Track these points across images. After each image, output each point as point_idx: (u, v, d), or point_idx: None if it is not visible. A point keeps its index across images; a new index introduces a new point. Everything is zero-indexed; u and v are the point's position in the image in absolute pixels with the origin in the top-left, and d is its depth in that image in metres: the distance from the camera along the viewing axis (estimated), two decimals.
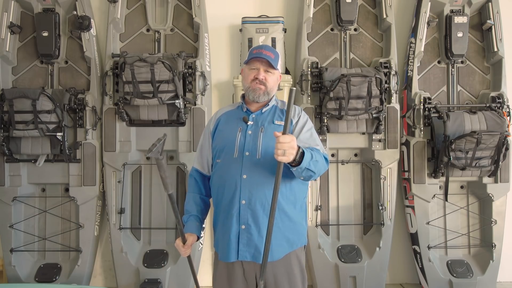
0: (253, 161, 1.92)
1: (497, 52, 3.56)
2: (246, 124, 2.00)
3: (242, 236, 1.91)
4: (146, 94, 3.23)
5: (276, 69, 2.03)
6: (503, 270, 3.65)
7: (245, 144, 1.95)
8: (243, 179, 1.90)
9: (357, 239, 3.64)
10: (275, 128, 1.97)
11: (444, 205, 3.62)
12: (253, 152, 1.93)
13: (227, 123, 2.06)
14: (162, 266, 3.39)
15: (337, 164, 3.63)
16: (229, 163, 1.95)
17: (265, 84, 1.99)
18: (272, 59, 2.00)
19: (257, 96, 2.00)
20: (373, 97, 3.31)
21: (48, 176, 3.47)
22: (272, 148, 1.83)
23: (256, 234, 1.90)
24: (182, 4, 3.65)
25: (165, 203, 3.58)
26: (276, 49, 3.46)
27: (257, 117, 2.03)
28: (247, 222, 1.90)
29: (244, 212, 1.90)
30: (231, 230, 1.92)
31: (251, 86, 2.00)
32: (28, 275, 3.41)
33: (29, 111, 3.21)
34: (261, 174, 1.90)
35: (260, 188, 1.89)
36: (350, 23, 3.59)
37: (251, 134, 1.98)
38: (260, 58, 1.99)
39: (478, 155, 3.28)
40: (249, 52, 2.07)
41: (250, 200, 1.90)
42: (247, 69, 2.05)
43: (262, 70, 1.99)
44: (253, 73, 2.00)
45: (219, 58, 3.77)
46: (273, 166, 1.84)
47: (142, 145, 3.48)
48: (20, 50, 3.55)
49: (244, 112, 2.06)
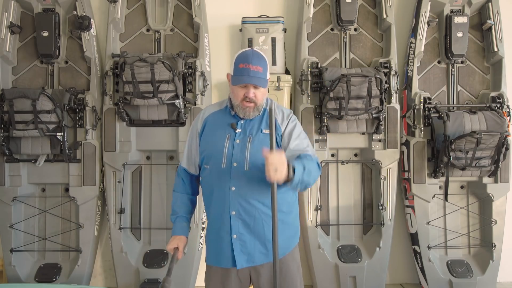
0: (241, 172, 1.91)
1: (497, 52, 3.56)
2: (234, 132, 1.97)
3: (235, 244, 1.92)
4: (146, 94, 3.23)
5: (265, 85, 1.96)
6: (503, 270, 3.64)
7: (233, 154, 1.93)
8: (232, 191, 1.91)
9: (357, 239, 3.64)
10: (263, 138, 1.94)
11: (444, 205, 3.62)
12: (241, 163, 1.91)
13: (215, 128, 2.01)
14: (162, 266, 3.38)
15: (337, 164, 3.63)
16: (217, 173, 1.95)
17: (255, 101, 1.93)
18: (261, 73, 1.90)
19: (248, 114, 1.96)
20: (373, 97, 3.31)
21: (48, 176, 3.47)
22: (260, 159, 1.81)
23: (248, 240, 1.92)
24: (182, 4, 3.65)
25: (165, 203, 3.58)
26: (276, 49, 3.49)
27: (246, 123, 1.99)
28: (239, 231, 1.92)
29: (235, 223, 1.91)
30: (223, 241, 1.94)
31: (241, 105, 1.94)
32: (28, 275, 3.41)
33: (29, 111, 3.21)
34: (249, 185, 1.90)
35: (249, 200, 1.90)
36: (350, 23, 3.59)
37: (239, 143, 1.95)
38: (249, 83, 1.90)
39: (478, 155, 3.28)
40: (235, 66, 1.92)
41: (239, 211, 1.91)
42: (235, 86, 1.94)
43: (251, 88, 1.91)
44: (243, 91, 1.91)
45: (219, 58, 3.77)
46: (261, 176, 1.81)
47: (142, 145, 3.48)
48: (20, 50, 3.55)
49: (232, 116, 2.01)
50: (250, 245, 1.92)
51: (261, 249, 1.93)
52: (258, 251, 1.93)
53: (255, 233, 1.92)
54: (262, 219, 1.92)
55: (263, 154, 1.72)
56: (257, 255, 1.93)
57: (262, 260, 1.94)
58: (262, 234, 1.93)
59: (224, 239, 1.93)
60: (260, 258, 1.94)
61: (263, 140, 1.93)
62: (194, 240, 3.37)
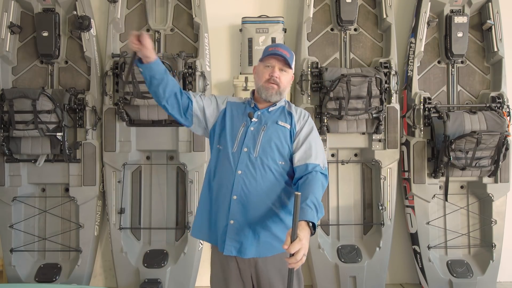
0: (250, 159, 1.92)
1: (497, 52, 3.56)
2: (251, 120, 2.00)
3: (230, 231, 1.90)
4: (146, 94, 3.22)
5: (291, 68, 2.03)
6: (503, 270, 3.64)
7: (245, 139, 1.95)
8: (237, 174, 1.91)
9: (357, 239, 3.64)
10: (278, 128, 1.98)
11: (444, 205, 3.62)
12: (250, 149, 1.93)
13: (234, 114, 2.06)
14: (162, 266, 3.38)
15: (337, 164, 3.63)
16: (226, 156, 1.96)
17: (279, 83, 1.99)
18: (288, 57, 1.99)
19: (270, 95, 2.00)
20: (373, 97, 3.31)
21: (48, 176, 3.46)
22: (270, 149, 1.87)
23: (244, 230, 1.89)
24: (182, 4, 3.65)
25: (165, 203, 3.59)
26: None
27: (263, 115, 2.03)
28: (236, 218, 1.90)
29: (234, 207, 1.89)
30: (219, 223, 1.93)
31: (264, 85, 1.99)
32: (28, 275, 3.41)
33: (29, 111, 3.21)
34: (255, 172, 1.90)
35: (253, 186, 1.89)
36: (350, 23, 3.59)
37: (253, 130, 1.98)
38: (276, 55, 1.98)
39: (478, 155, 3.28)
40: (264, 50, 2.05)
41: (241, 197, 1.89)
42: (261, 67, 2.03)
43: (277, 68, 1.98)
44: (268, 71, 1.99)
45: (219, 58, 3.77)
46: (267, 166, 1.89)
47: (142, 145, 3.48)
48: (20, 50, 3.55)
49: (251, 108, 2.06)
50: (243, 236, 1.89)
51: (252, 241, 1.89)
52: (250, 242, 1.89)
53: (252, 225, 1.89)
54: (263, 210, 1.90)
55: (283, 247, 1.62)
56: (248, 247, 1.89)
57: (253, 253, 1.90)
58: (258, 225, 1.90)
59: (221, 222, 1.92)
60: (251, 251, 1.90)
61: (277, 131, 1.97)
62: (194, 240, 3.37)
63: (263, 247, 1.91)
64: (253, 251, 1.90)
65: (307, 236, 1.66)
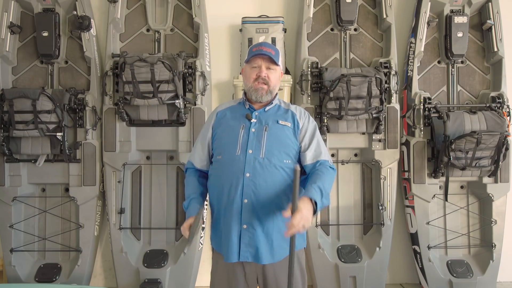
0: (257, 160, 1.89)
1: (497, 52, 3.56)
2: (249, 122, 1.98)
3: (244, 236, 1.88)
4: (146, 94, 3.23)
5: (278, 65, 2.02)
6: (503, 270, 3.64)
7: (248, 141, 1.93)
8: (246, 177, 1.87)
9: (357, 239, 3.64)
10: (280, 128, 1.98)
11: (444, 205, 3.62)
12: (256, 151, 1.91)
13: (229, 119, 2.03)
14: (162, 266, 3.38)
15: (337, 164, 3.62)
16: (231, 160, 1.92)
17: (268, 82, 1.98)
18: (273, 55, 1.98)
19: (260, 96, 1.99)
20: (373, 97, 3.31)
21: (48, 176, 3.46)
22: (276, 149, 1.86)
23: (258, 234, 1.87)
24: (182, 4, 3.65)
25: (165, 203, 3.59)
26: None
27: (260, 115, 2.01)
28: (249, 222, 1.87)
29: (246, 211, 1.87)
30: (232, 230, 1.88)
31: (253, 86, 1.98)
32: (28, 275, 3.41)
33: (29, 111, 3.21)
34: (264, 174, 1.88)
35: (263, 188, 1.87)
36: (350, 23, 3.59)
37: (255, 132, 1.95)
38: (261, 55, 1.97)
39: (478, 155, 3.28)
40: (249, 50, 2.05)
41: (252, 200, 1.87)
42: (248, 68, 2.02)
43: (264, 67, 1.97)
44: (255, 71, 1.98)
45: (219, 58, 3.77)
46: (274, 166, 1.88)
47: (142, 145, 3.48)
48: (20, 50, 3.55)
49: (247, 109, 2.04)
50: (257, 241, 1.87)
51: (266, 246, 1.89)
52: (264, 247, 1.88)
53: (265, 228, 1.88)
54: (274, 212, 1.88)
55: (283, 215, 1.70)
56: (264, 252, 1.88)
57: (268, 259, 1.90)
58: (270, 228, 1.89)
59: (234, 228, 1.88)
60: (267, 257, 1.89)
61: (280, 130, 1.97)
62: (194, 240, 3.37)
63: (277, 252, 1.91)
64: (269, 256, 1.90)
65: (308, 208, 1.71)
